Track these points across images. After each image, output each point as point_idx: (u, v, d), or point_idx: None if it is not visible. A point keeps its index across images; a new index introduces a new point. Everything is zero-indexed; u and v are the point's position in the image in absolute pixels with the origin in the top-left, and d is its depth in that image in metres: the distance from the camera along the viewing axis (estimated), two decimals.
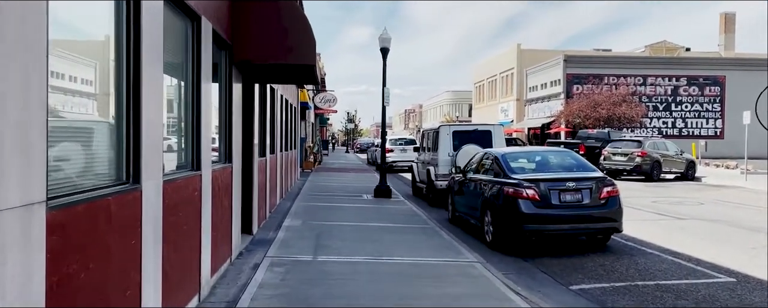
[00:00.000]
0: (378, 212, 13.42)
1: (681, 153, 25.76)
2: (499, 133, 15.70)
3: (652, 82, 50.27)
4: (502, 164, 10.02)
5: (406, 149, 30.05)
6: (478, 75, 74.32)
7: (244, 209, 9.41)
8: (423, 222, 11.86)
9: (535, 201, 9.10)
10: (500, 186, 9.61)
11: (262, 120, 11.28)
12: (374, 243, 9.28)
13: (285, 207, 13.72)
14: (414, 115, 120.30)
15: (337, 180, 23.37)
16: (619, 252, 9.29)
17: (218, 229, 6.85)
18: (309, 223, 11.23)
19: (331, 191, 18.21)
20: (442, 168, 15.31)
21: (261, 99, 11.24)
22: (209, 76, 6.27)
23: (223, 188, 7.16)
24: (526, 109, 57.69)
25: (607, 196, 9.26)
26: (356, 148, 75.47)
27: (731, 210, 14.78)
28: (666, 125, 50.06)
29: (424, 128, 18.12)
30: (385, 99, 16.50)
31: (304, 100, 26.08)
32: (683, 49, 62.93)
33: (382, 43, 16.37)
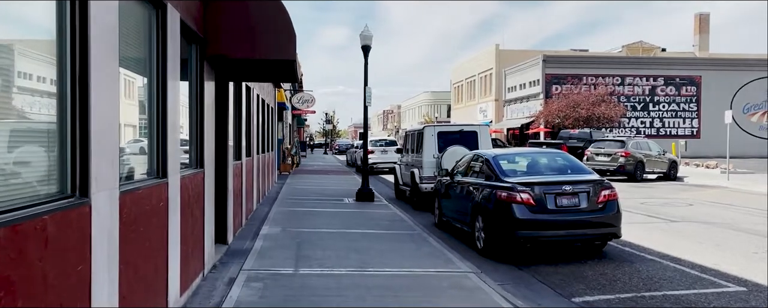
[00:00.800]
0: (361, 217, 12.80)
1: (663, 153, 25.57)
2: (486, 134, 15.18)
3: (630, 82, 50.38)
4: (494, 166, 9.48)
5: (387, 150, 29.45)
6: (457, 75, 74.07)
7: (218, 217, 8.74)
8: (409, 228, 11.27)
9: (530, 205, 8.57)
10: (492, 189, 9.06)
11: (237, 121, 10.60)
12: (359, 253, 8.67)
13: (262, 213, 13.04)
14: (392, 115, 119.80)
15: (316, 183, 22.69)
16: (618, 259, 8.80)
17: (188, 242, 6.18)
18: (289, 230, 10.58)
19: (311, 195, 17.54)
20: (427, 170, 14.75)
21: (236, 98, 10.56)
22: (177, 73, 5.61)
23: (194, 196, 6.50)
24: (505, 110, 57.50)
25: (605, 200, 8.77)
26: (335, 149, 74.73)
27: (721, 211, 14.45)
28: (644, 125, 50.21)
29: (408, 129, 17.55)
30: (366, 98, 15.89)
31: (281, 100, 25.35)
32: (659, 49, 63.34)
33: (363, 41, 15.76)
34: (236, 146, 10.65)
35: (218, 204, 8.82)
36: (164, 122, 5.19)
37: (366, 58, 15.83)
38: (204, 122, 6.97)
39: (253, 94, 12.86)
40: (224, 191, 9.01)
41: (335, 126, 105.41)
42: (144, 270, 4.53)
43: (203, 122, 6.95)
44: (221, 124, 8.86)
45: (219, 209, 8.83)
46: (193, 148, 6.86)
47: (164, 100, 5.22)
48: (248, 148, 12.50)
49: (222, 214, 8.94)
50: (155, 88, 5.19)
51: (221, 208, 8.93)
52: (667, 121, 51.02)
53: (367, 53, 15.86)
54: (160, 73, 5.23)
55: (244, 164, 10.99)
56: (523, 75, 53.21)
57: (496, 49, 61.11)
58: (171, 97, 5.37)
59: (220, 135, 8.84)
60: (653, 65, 51.53)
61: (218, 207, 8.83)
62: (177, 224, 5.56)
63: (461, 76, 71.64)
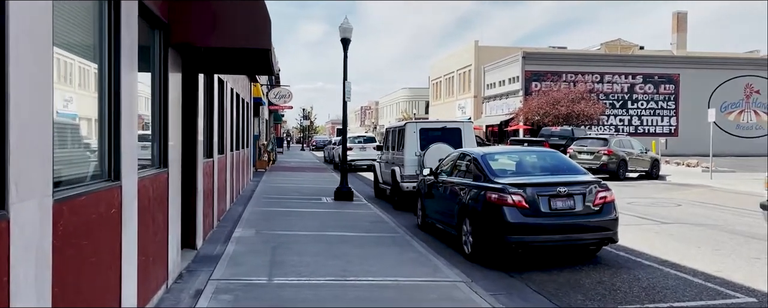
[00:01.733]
0: (340, 218, 12.16)
1: (646, 151, 25.32)
2: (469, 131, 14.63)
3: (609, 80, 50.38)
4: (483, 166, 8.90)
5: (366, 147, 28.82)
6: (436, 72, 73.64)
7: (186, 220, 8.03)
8: (391, 230, 10.67)
9: (522, 208, 8.01)
10: (481, 191, 8.49)
11: (208, 116, 9.88)
12: (339, 259, 8.03)
13: (236, 213, 12.33)
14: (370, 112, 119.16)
15: (293, 180, 21.98)
16: (615, 265, 8.29)
17: (149, 251, 5.49)
18: (263, 233, 9.90)
19: (287, 193, 16.84)
20: (409, 168, 14.16)
21: (207, 92, 9.84)
22: (134, 61, 4.91)
23: (156, 199, 5.81)
24: (484, 107, 57.19)
25: (601, 203, 8.25)
26: (312, 145, 73.89)
27: (710, 211, 14.10)
28: (622, 123, 50.25)
29: (389, 125, 16.93)
30: (346, 93, 15.23)
31: (257, 95, 24.56)
32: (637, 47, 63.56)
33: (343, 33, 15.10)
34: (207, 143, 9.94)
35: (186, 206, 8.11)
36: (117, 116, 4.49)
37: (345, 51, 15.17)
38: (168, 117, 6.27)
39: (226, 87, 12.13)
40: (193, 191, 8.30)
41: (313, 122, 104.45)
42: (88, 290, 3.85)
43: (167, 117, 6.25)
44: (190, 119, 8.15)
45: (187, 211, 8.13)
46: (156, 146, 6.16)
47: (118, 91, 4.52)
48: (221, 144, 11.77)
49: (190, 217, 8.24)
50: (108, 77, 4.50)
51: (189, 210, 8.23)
52: (646, 118, 51.15)
53: (347, 46, 15.20)
54: (113, 60, 4.53)
55: (216, 162, 10.28)
56: (503, 72, 52.92)
57: (476, 45, 60.76)
58: (127, 88, 4.68)
59: (188, 131, 8.13)
60: (632, 63, 51.58)
61: (186, 209, 8.12)
62: (134, 232, 4.88)
63: (440, 72, 71.21)
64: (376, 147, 19.11)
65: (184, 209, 7.93)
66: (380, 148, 17.81)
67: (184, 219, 7.92)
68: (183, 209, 7.76)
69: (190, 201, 8.20)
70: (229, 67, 9.00)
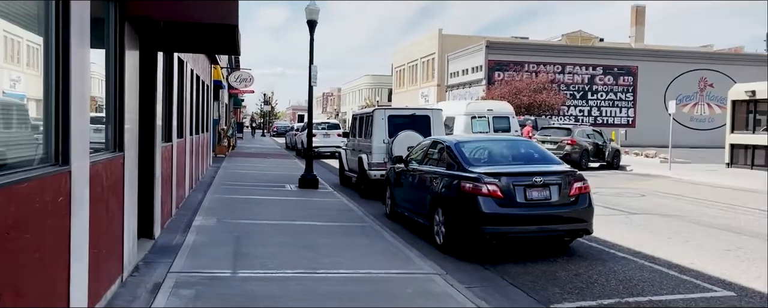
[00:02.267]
0: (306, 206, 11.75)
1: (609, 141, 25.55)
2: (439, 119, 14.35)
3: (570, 71, 50.90)
4: (457, 154, 8.62)
5: (330, 133, 28.35)
6: (399, 59, 73.28)
7: (143, 208, 7.53)
8: (359, 220, 10.32)
9: (498, 198, 7.75)
10: (455, 180, 8.21)
11: (167, 98, 9.32)
12: (308, 250, 7.65)
13: (195, 200, 11.79)
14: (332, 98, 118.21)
15: (254, 166, 21.39)
16: (589, 257, 8.13)
17: (102, 243, 5.02)
18: (225, 222, 9.43)
19: (249, 180, 16.31)
20: (377, 156, 13.82)
21: (167, 72, 9.28)
22: (85, 35, 4.40)
23: (111, 186, 5.32)
24: (447, 95, 57.13)
25: (577, 193, 8.06)
26: (273, 131, 72.86)
27: (674, 202, 14.19)
28: (582, 113, 50.90)
29: (356, 112, 16.53)
30: (312, 77, 14.74)
31: (217, 78, 23.83)
32: (597, 39, 64.42)
33: (309, 15, 14.59)
34: (166, 126, 9.38)
35: (143, 193, 7.60)
36: (66, 95, 4.00)
37: (312, 33, 14.67)
38: (124, 98, 5.76)
39: (186, 68, 11.53)
40: (151, 177, 7.78)
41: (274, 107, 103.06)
42: (31, 291, 3.39)
43: (123, 98, 5.74)
44: (148, 101, 7.61)
45: (144, 198, 7.62)
46: (111, 128, 5.65)
47: (67, 67, 4.02)
48: (180, 128, 11.20)
49: (148, 204, 7.73)
50: (55, 51, 3.99)
51: (147, 197, 7.71)
52: (605, 109, 51.91)
53: (313, 29, 14.69)
54: (61, 33, 4.02)
55: (174, 146, 9.74)
56: (466, 60, 52.93)
57: (439, 33, 60.59)
58: (77, 65, 4.18)
59: (146, 113, 7.60)
60: (593, 54, 52.19)
61: (143, 196, 7.61)
62: (84, 222, 4.41)
63: (403, 60, 70.88)
64: (344, 133, 18.71)
65: (141, 196, 7.42)
66: (346, 135, 17.44)
67: (141, 206, 7.42)
68: (140, 196, 7.26)
69: (147, 188, 7.68)
70: (191, 45, 8.47)
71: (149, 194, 7.71)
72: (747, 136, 23.16)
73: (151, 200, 7.74)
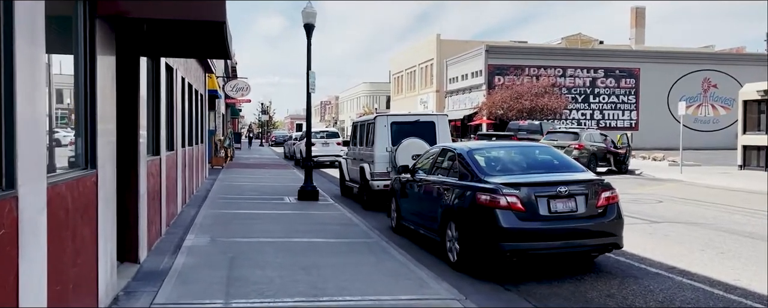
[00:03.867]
0: (306, 221, 11.00)
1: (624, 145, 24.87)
2: (444, 125, 13.62)
3: (572, 74, 50.26)
4: (470, 163, 7.88)
5: (329, 142, 27.61)
6: (397, 66, 72.69)
7: (124, 229, 6.79)
8: (364, 235, 9.57)
9: (518, 211, 7.01)
10: (469, 192, 7.47)
11: (154, 108, 8.60)
12: (309, 272, 6.90)
13: (188, 216, 11.04)
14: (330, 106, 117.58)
15: (252, 178, 20.63)
16: (619, 274, 7.38)
17: (67, 278, 4.27)
18: (219, 241, 8.67)
19: (246, 193, 15.55)
20: (379, 165, 13.08)
21: (153, 80, 8.56)
22: (37, 35, 3.67)
23: (81, 208, 4.58)
24: (446, 101, 56.49)
25: (605, 204, 7.32)
26: (271, 140, 72.14)
27: (695, 208, 13.45)
28: (584, 116, 50.23)
29: (357, 119, 15.80)
30: (310, 84, 14.03)
31: (213, 87, 23.12)
32: (597, 41, 63.84)
33: (306, 18, 13.90)
34: (153, 138, 8.66)
35: (125, 213, 6.87)
36: (10, 107, 3.27)
37: (309, 38, 13.97)
38: (96, 107, 5.02)
39: (176, 75, 10.81)
40: (134, 194, 7.04)
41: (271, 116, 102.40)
42: None
43: (95, 108, 5.00)
44: (129, 111, 6.89)
45: (126, 219, 6.88)
46: (81, 142, 4.91)
47: (9, 74, 3.29)
48: (170, 140, 10.47)
49: (130, 225, 6.98)
50: None
51: (129, 218, 6.97)
52: (607, 112, 51.24)
53: (311, 33, 14.00)
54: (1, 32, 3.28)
55: (163, 160, 9.00)
56: (465, 65, 52.29)
57: (437, 39, 59.98)
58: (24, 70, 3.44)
59: (128, 124, 6.88)
60: (594, 57, 51.56)
61: (125, 216, 6.88)
62: (40, 255, 3.67)
63: (401, 66, 70.27)
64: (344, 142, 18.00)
65: (123, 217, 6.69)
66: (346, 144, 16.71)
67: (123, 228, 6.69)
68: (121, 217, 6.53)
69: (129, 207, 6.94)
70: (178, 49, 7.75)
71: (132, 213, 6.97)
72: (760, 136, 22.45)
73: (135, 220, 6.99)
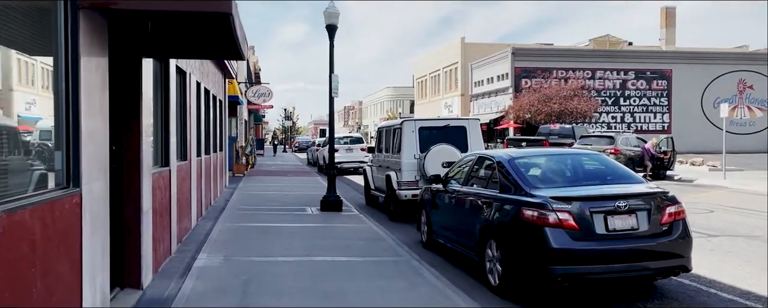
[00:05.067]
0: (330, 235, 10.18)
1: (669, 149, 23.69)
2: (476, 130, 12.72)
3: (601, 76, 48.88)
4: (513, 173, 6.98)
5: (353, 148, 26.81)
6: (420, 70, 71.81)
7: (125, 252, 6.03)
8: (392, 252, 8.72)
9: (571, 230, 6.10)
10: (513, 206, 6.58)
11: (162, 115, 7.87)
12: (332, 301, 6.06)
13: (203, 231, 10.29)
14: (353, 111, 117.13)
15: (273, 187, 19.91)
16: (685, 300, 6.43)
17: None
18: (233, 261, 7.88)
19: (267, 203, 14.80)
20: (407, 173, 12.22)
21: (162, 84, 7.83)
22: None
23: (54, 239, 3.81)
24: (471, 105, 55.44)
25: (671, 220, 6.38)
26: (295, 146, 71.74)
27: (750, 219, 12.34)
28: (614, 120, 48.79)
29: (382, 124, 14.97)
30: (333, 88, 13.23)
31: (234, 93, 22.49)
32: (626, 43, 62.23)
33: (328, 19, 13.12)
34: (162, 148, 7.92)
35: (126, 233, 6.12)
36: None
37: (331, 39, 13.19)
38: (80, 115, 4.26)
39: (190, 80, 10.09)
40: (136, 212, 6.27)
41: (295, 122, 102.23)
42: None
43: (78, 116, 4.24)
44: (129, 119, 6.15)
45: (127, 240, 6.13)
46: (61, 157, 4.15)
47: None
48: (183, 149, 9.74)
49: (132, 246, 6.22)
50: None
51: (132, 238, 6.21)
52: (638, 115, 49.72)
53: (333, 34, 13.22)
54: None
55: (173, 171, 8.26)
56: (491, 68, 51.21)
57: (462, 42, 58.99)
58: None
59: (128, 134, 6.13)
60: (624, 59, 50.10)
61: (126, 236, 6.13)
62: None
63: (425, 70, 69.37)
64: (369, 148, 17.18)
65: (121, 238, 5.94)
66: (371, 150, 15.88)
67: (120, 251, 5.93)
68: (119, 238, 5.78)
69: (131, 226, 6.19)
70: (186, 49, 7.00)
71: (133, 234, 6.21)
72: None
73: (136, 241, 6.23)
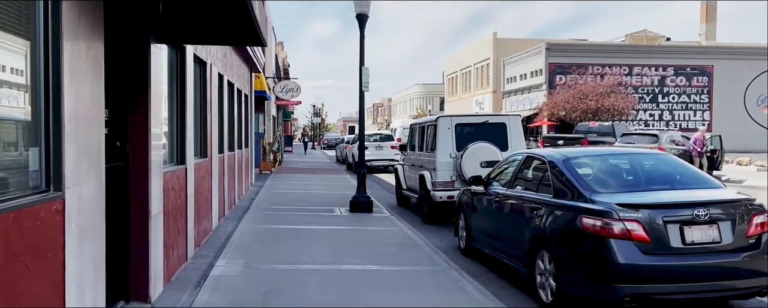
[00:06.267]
0: (360, 239, 9.42)
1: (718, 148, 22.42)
2: (517, 127, 11.83)
3: (638, 72, 47.27)
4: (569, 175, 6.12)
5: (382, 146, 26.03)
6: (451, 66, 70.73)
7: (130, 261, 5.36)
8: (428, 260, 7.91)
9: (641, 242, 5.23)
10: (570, 213, 5.73)
11: (178, 107, 7.19)
12: None
13: (225, 232, 9.62)
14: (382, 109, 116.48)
15: (301, 185, 19.25)
16: None
17: None
18: (254, 269, 7.17)
19: (293, 203, 14.11)
20: (442, 173, 11.39)
21: (178, 74, 7.16)
22: None
23: (25, 254, 3.10)
24: (504, 102, 54.22)
25: (758, 232, 5.45)
26: (324, 143, 71.31)
27: None
28: (652, 117, 47.18)
29: (414, 121, 14.16)
30: (364, 83, 12.46)
31: (261, 88, 21.90)
32: (664, 38, 60.26)
33: (359, 8, 12.35)
34: (178, 144, 7.25)
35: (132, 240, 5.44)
36: None
37: (362, 29, 12.43)
38: (62, 106, 3.55)
39: (210, 71, 9.42)
40: (143, 217, 5.58)
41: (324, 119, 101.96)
42: None
43: (60, 105, 3.53)
44: (137, 110, 5.46)
45: (132, 247, 5.45)
46: (37, 155, 3.45)
47: None
48: (203, 145, 9.08)
49: (139, 255, 5.53)
50: None
51: (138, 245, 5.53)
52: (677, 113, 47.99)
53: (364, 24, 12.45)
54: None
55: (189, 170, 7.57)
56: (524, 64, 49.95)
57: (494, 37, 57.77)
58: None
59: (135, 129, 5.45)
60: (663, 54, 48.39)
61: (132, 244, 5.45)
62: None
63: (456, 66, 68.28)
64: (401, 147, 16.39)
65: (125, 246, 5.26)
66: (403, 148, 15.08)
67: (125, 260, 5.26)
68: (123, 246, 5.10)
69: (138, 232, 5.50)
70: (201, 34, 6.28)
71: (141, 241, 5.52)
72: None
73: (145, 249, 5.54)
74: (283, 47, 51.56)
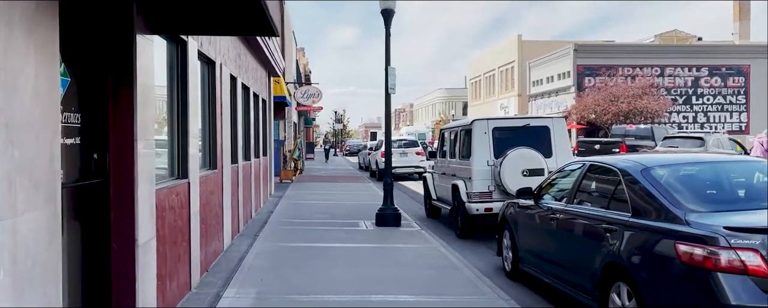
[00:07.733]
0: (388, 261, 8.30)
1: None
2: (562, 131, 10.65)
3: (671, 73, 45.52)
4: (652, 190, 4.94)
5: (407, 152, 24.88)
6: (474, 70, 69.47)
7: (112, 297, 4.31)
8: (471, 287, 6.76)
9: (762, 279, 4.04)
10: (659, 238, 4.56)
11: (178, 112, 6.17)
12: None
13: (237, 253, 8.57)
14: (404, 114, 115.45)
15: (323, 195, 18.18)
16: None
17: None
18: (267, 302, 6.09)
19: (314, 216, 13.04)
20: (479, 183, 10.23)
21: (179, 74, 6.15)
22: None
23: None
24: (529, 106, 52.75)
25: None
26: (346, 150, 70.39)
27: None
28: (686, 120, 45.37)
29: (447, 125, 13.02)
30: (390, 85, 11.35)
31: (280, 93, 20.94)
32: (695, 38, 58.34)
33: (383, 4, 11.29)
34: (179, 155, 6.22)
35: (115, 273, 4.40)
36: None
37: (388, 26, 11.35)
38: None
39: (220, 71, 8.40)
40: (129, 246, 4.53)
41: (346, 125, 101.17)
42: None
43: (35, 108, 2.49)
44: (120, 114, 4.43)
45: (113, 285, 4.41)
46: None
47: None
48: (212, 155, 8.06)
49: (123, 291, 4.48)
50: None
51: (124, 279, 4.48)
52: (712, 115, 46.11)
53: (389, 20, 11.37)
54: None
55: (193, 184, 6.53)
56: (551, 67, 48.51)
57: (519, 39, 56.41)
58: None
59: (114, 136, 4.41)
60: (696, 54, 46.57)
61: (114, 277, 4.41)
62: None
63: (479, 70, 66.99)
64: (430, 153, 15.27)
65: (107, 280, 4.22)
66: (433, 155, 13.95)
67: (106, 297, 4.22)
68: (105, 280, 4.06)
69: (120, 265, 4.45)
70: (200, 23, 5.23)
71: (123, 275, 4.47)
72: None
73: (129, 285, 4.48)
74: (304, 53, 50.79)
